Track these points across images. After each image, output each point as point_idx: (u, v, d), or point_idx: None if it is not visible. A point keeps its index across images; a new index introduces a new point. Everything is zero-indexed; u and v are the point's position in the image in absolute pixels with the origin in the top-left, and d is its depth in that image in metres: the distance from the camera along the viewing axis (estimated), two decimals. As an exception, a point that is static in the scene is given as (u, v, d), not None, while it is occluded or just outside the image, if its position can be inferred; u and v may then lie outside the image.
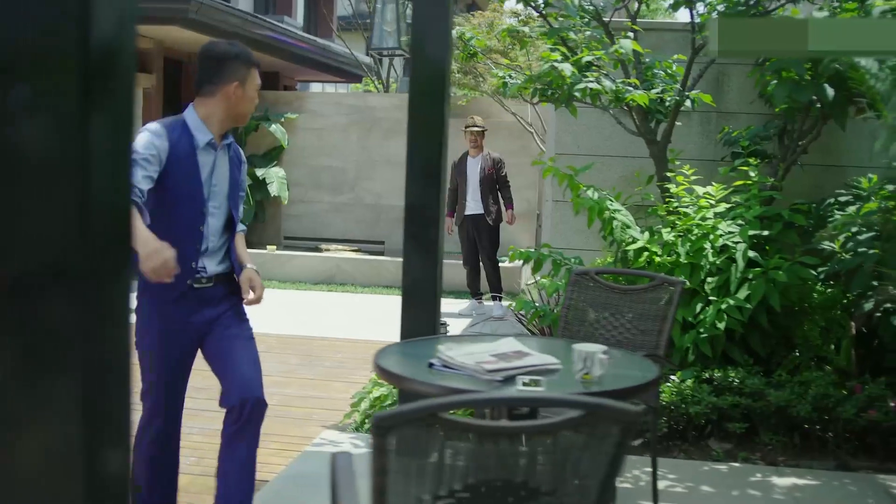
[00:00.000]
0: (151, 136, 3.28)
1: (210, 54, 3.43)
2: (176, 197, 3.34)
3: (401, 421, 1.87)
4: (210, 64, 3.42)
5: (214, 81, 3.39)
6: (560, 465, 1.95)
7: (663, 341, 3.86)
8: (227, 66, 3.39)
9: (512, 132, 12.35)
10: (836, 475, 4.53)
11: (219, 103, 3.40)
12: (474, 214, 9.39)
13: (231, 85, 3.38)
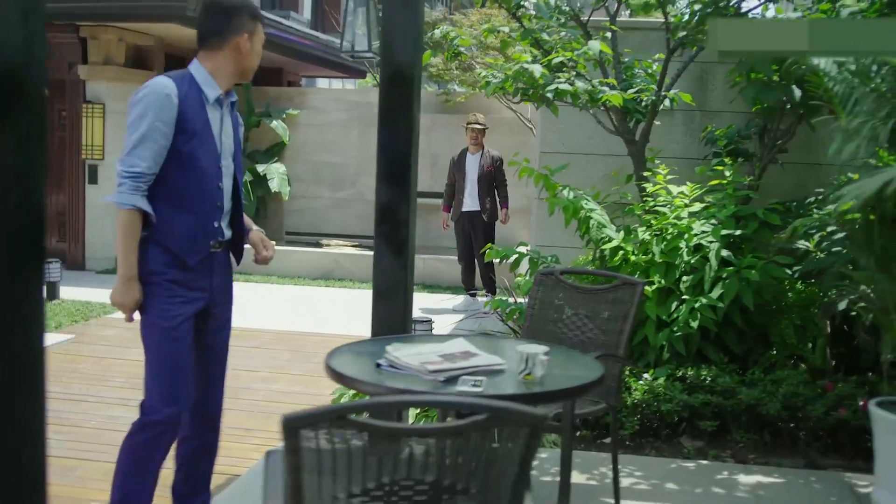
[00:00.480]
0: (166, 98, 3.17)
1: (218, 5, 3.34)
2: (192, 155, 3.25)
3: (308, 422, 1.93)
4: (218, 15, 3.33)
5: (223, 34, 3.31)
6: (471, 465, 2.01)
7: (623, 341, 3.91)
8: (236, 18, 3.32)
9: (512, 128, 12.39)
10: (803, 473, 4.57)
11: (227, 56, 3.33)
12: (471, 211, 9.43)
13: (241, 37, 3.33)
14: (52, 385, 6.14)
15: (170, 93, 3.19)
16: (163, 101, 3.17)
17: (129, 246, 3.22)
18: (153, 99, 3.16)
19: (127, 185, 3.19)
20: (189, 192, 3.26)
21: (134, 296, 3.27)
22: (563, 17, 5.24)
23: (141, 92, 3.22)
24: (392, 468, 1.99)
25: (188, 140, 3.21)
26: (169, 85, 3.21)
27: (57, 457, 4.78)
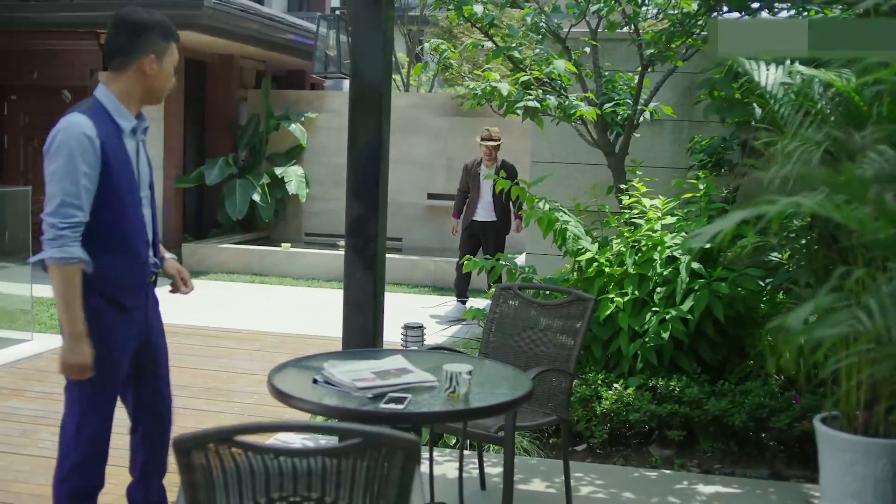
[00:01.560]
0: (86, 139, 2.99)
1: (124, 21, 3.14)
2: (118, 193, 3.10)
3: (198, 443, 2.09)
4: (124, 33, 3.12)
5: (128, 54, 3.11)
6: (351, 484, 2.16)
7: (574, 356, 4.03)
8: (144, 36, 3.11)
9: (525, 131, 12.49)
10: (763, 484, 4.67)
11: (132, 78, 3.12)
12: (485, 221, 9.32)
13: (147, 58, 3.11)
14: (56, 387, 6.33)
15: (89, 133, 3.00)
16: (84, 143, 2.99)
17: (75, 301, 3.03)
18: (74, 144, 2.98)
19: (67, 237, 2.98)
20: (119, 232, 3.14)
21: (89, 351, 3.08)
22: (540, 34, 5.36)
23: (58, 137, 3.01)
24: (279, 485, 2.15)
25: (111, 178, 3.07)
26: (85, 124, 3.01)
27: (47, 457, 4.97)
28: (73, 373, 3.12)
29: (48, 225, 3.00)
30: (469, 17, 5.15)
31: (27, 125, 12.01)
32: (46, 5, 10.63)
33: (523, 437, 5.07)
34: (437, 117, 13.10)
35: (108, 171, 3.05)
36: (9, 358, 7.00)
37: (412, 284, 11.46)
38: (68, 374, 3.14)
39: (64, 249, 2.98)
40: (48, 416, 5.71)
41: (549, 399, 4.09)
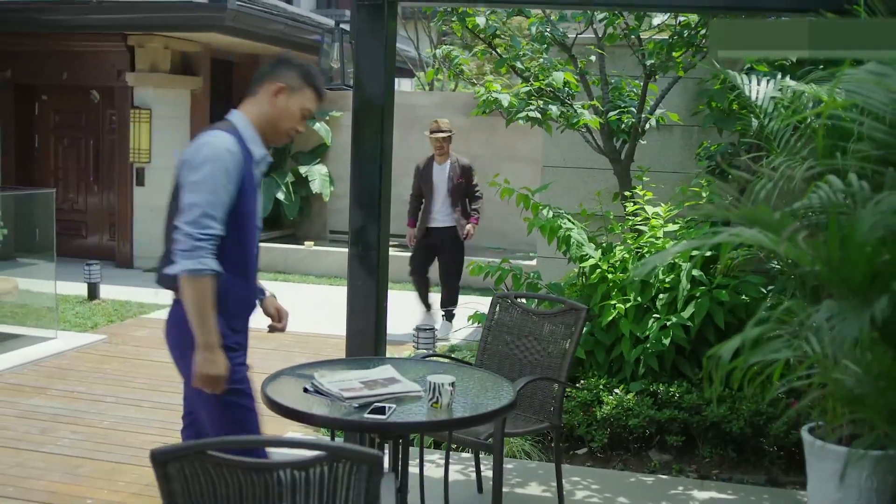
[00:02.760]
0: (230, 155, 3.02)
1: (279, 57, 3.26)
2: (246, 216, 3.12)
3: (172, 456, 2.22)
4: (268, 65, 3.21)
5: (263, 78, 3.16)
6: (320, 497, 2.28)
7: (566, 365, 4.12)
8: (284, 68, 3.16)
9: (538, 133, 12.55)
10: (758, 490, 4.73)
11: (261, 105, 3.15)
12: (442, 228, 8.39)
13: (276, 85, 3.13)
14: (77, 385, 6.60)
15: (233, 149, 3.03)
16: (228, 160, 3.01)
17: (210, 312, 3.00)
18: (220, 157, 3.00)
19: (204, 248, 2.96)
20: (241, 255, 3.16)
21: (225, 363, 3.06)
22: (546, 44, 5.44)
23: (204, 150, 3.03)
24: (252, 496, 2.27)
25: (242, 201, 3.07)
26: (231, 141, 3.04)
27: (64, 455, 5.18)
28: (207, 384, 3.04)
29: (185, 234, 2.96)
30: (472, 29, 5.24)
31: (57, 125, 12.26)
32: (75, 8, 10.85)
33: (525, 441, 5.18)
34: (459, 116, 13.18)
35: (240, 192, 3.06)
36: (33, 356, 7.20)
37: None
38: (203, 387, 3.06)
39: (201, 261, 2.96)
40: (68, 414, 5.90)
41: (541, 406, 4.19)
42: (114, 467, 5.02)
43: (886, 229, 1.86)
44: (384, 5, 4.57)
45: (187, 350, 3.07)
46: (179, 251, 2.98)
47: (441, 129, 8.44)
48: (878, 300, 1.80)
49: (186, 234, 2.97)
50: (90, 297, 9.41)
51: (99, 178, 12.14)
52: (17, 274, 9.11)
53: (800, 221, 2.24)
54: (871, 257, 1.87)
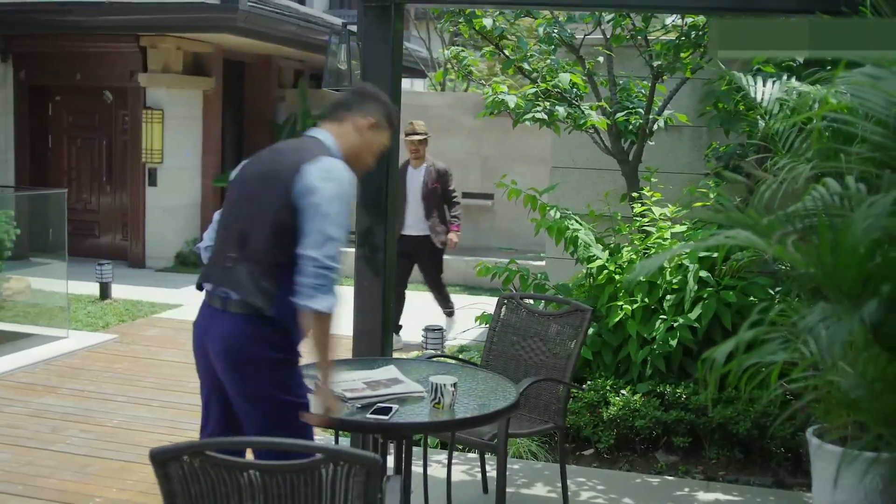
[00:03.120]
0: (352, 187, 3.04)
1: (361, 89, 3.31)
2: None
3: (171, 456, 2.24)
4: (356, 93, 3.25)
5: (351, 107, 3.18)
6: (318, 498, 2.29)
7: (571, 366, 4.13)
8: (372, 103, 3.20)
9: (546, 133, 12.56)
10: (764, 492, 4.73)
11: (345, 133, 3.16)
12: (415, 236, 7.90)
13: (365, 119, 3.16)
14: (88, 384, 6.65)
15: (353, 181, 3.06)
16: (351, 193, 3.05)
17: (334, 346, 2.99)
18: (348, 192, 3.01)
19: (333, 281, 2.91)
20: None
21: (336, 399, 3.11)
22: (553, 45, 5.45)
23: (334, 182, 2.98)
24: (251, 497, 2.29)
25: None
26: (349, 172, 3.06)
27: (73, 454, 5.22)
28: (324, 419, 3.03)
29: (325, 268, 2.89)
30: (479, 30, 5.25)
31: (70, 125, 12.33)
32: (89, 9, 10.90)
33: (531, 442, 5.19)
34: (471, 117, 13.20)
35: None
36: (45, 355, 7.25)
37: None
38: (318, 422, 3.02)
39: (334, 297, 2.92)
40: (78, 413, 5.95)
41: (546, 407, 4.20)
42: (122, 466, 5.06)
43: (880, 232, 1.87)
44: (391, 7, 4.59)
45: (261, 368, 2.97)
46: (316, 285, 2.88)
47: (416, 132, 7.91)
48: (867, 303, 1.80)
49: (328, 269, 2.89)
50: (102, 297, 9.46)
51: (112, 178, 12.20)
52: (30, 273, 9.19)
53: (793, 224, 2.24)
54: (862, 261, 1.87)
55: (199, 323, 3.16)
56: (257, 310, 2.95)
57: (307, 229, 2.92)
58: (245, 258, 3.00)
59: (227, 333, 3.00)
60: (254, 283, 2.95)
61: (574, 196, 6.80)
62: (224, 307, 3.01)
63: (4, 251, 8.81)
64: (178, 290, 10.19)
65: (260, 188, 3.05)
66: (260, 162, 3.17)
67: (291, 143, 3.25)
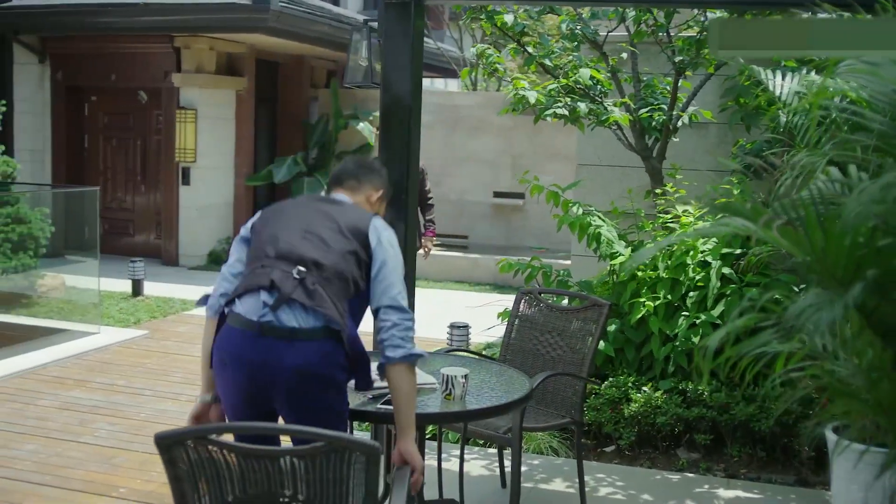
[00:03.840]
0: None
1: (367, 164, 3.40)
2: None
3: (174, 440, 2.29)
4: (364, 165, 3.37)
5: (361, 179, 3.31)
6: (320, 485, 2.32)
7: (588, 361, 4.13)
8: (378, 175, 3.35)
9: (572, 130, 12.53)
10: (786, 490, 4.69)
11: (361, 200, 3.29)
12: None
13: (379, 192, 3.33)
14: (118, 378, 6.75)
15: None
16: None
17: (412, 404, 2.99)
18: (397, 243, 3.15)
19: (413, 331, 2.99)
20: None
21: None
22: (576, 42, 5.44)
23: (387, 233, 3.12)
24: (254, 482, 2.33)
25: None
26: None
27: (101, 446, 5.31)
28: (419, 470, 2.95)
29: (410, 320, 2.95)
30: (501, 27, 5.26)
31: (106, 125, 12.51)
32: (123, 10, 11.07)
33: (552, 438, 5.19)
34: (502, 116, 13.21)
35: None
36: (77, 349, 7.37)
37: (473, 282, 11.62)
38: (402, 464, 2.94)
39: (416, 347, 2.97)
40: (107, 406, 6.04)
41: (563, 402, 4.20)
42: (148, 458, 5.12)
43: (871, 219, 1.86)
44: (411, 4, 4.60)
45: (329, 388, 2.91)
46: (406, 339, 2.92)
47: None
48: (854, 288, 1.79)
49: (412, 320, 2.96)
50: (134, 294, 9.59)
51: (146, 177, 12.36)
52: (65, 271, 9.36)
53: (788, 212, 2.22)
54: (852, 247, 1.86)
55: (241, 355, 2.88)
56: (335, 333, 2.88)
57: (384, 282, 2.96)
58: (320, 283, 2.93)
59: (305, 360, 2.86)
60: (334, 307, 2.90)
61: (599, 193, 6.78)
62: (292, 336, 2.86)
63: (39, 248, 8.98)
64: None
65: (329, 230, 3.02)
66: (312, 208, 3.15)
67: (336, 199, 3.23)
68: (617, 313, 5.54)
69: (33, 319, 8.50)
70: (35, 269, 8.93)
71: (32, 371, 6.78)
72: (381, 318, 2.94)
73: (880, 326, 1.97)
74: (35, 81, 12.27)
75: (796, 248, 1.96)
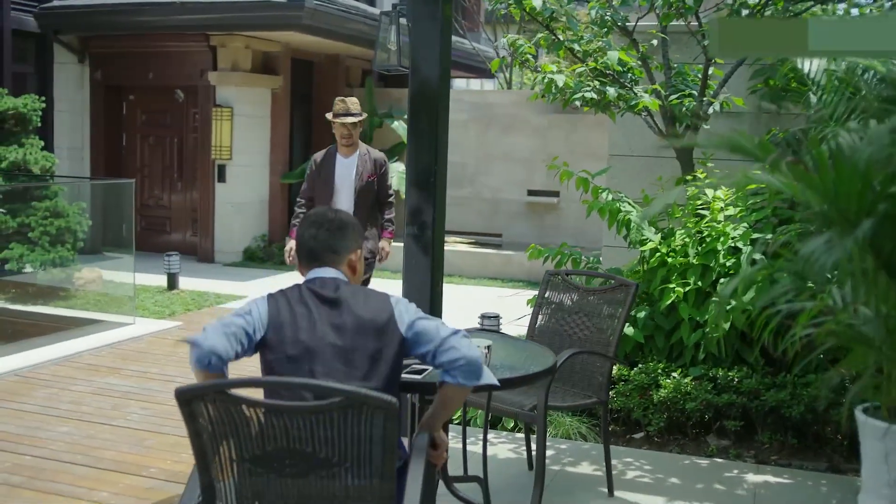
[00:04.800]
0: None
1: (340, 225, 3.01)
2: None
3: (194, 395, 2.31)
4: (336, 230, 2.99)
5: (337, 248, 2.96)
6: (340, 442, 2.33)
7: (614, 340, 4.12)
8: (352, 233, 3.02)
9: (601, 123, 12.48)
10: (815, 476, 4.63)
11: (345, 272, 2.98)
12: None
13: (355, 254, 3.00)
14: (151, 366, 6.82)
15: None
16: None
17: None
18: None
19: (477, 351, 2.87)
20: None
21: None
22: (606, 28, 5.43)
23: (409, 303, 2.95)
24: (273, 438, 2.34)
25: None
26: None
27: (134, 429, 5.37)
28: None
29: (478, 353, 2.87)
30: (529, 12, 5.26)
31: (143, 124, 12.67)
32: (161, 9, 11.22)
33: (581, 424, 5.17)
34: (537, 115, 13.20)
35: None
36: (112, 339, 7.47)
37: (507, 279, 11.61)
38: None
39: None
40: (140, 392, 6.11)
41: (589, 382, 4.19)
42: (178, 440, 5.17)
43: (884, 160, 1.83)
44: (440, -12, 4.62)
45: None
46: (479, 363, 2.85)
47: (350, 112, 6.27)
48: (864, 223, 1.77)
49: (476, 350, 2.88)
50: (169, 288, 9.69)
51: (182, 175, 12.49)
52: (102, 267, 9.50)
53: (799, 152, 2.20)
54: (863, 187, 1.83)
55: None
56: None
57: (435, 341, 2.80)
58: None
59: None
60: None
61: (631, 183, 6.74)
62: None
63: (77, 242, 9.12)
64: (245, 283, 10.38)
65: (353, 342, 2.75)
66: (323, 317, 2.78)
67: (344, 293, 2.86)
68: (647, 300, 5.51)
69: (69, 311, 8.63)
70: (73, 263, 9.07)
71: (66, 359, 6.87)
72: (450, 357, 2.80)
73: (892, 267, 1.94)
74: (74, 81, 12.45)
75: (808, 190, 1.94)
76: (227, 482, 2.43)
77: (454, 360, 2.76)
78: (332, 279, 2.87)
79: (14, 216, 8.81)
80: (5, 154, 8.97)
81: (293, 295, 2.78)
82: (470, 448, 4.52)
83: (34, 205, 8.90)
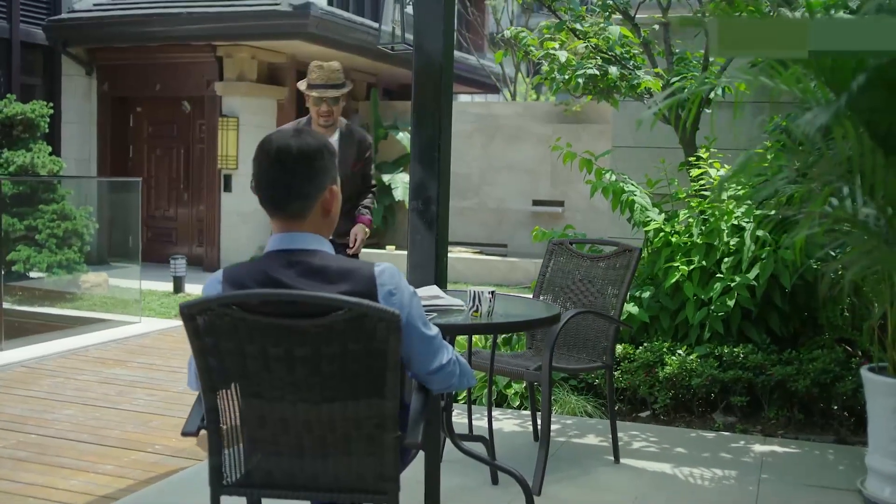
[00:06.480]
0: None
1: (305, 154, 2.38)
2: None
3: (199, 309, 2.32)
4: (300, 167, 2.37)
5: (310, 197, 2.40)
6: (343, 356, 2.33)
7: (619, 304, 4.12)
8: (323, 169, 2.41)
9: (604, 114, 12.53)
10: (822, 446, 4.61)
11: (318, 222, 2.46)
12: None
13: (329, 191, 2.43)
14: (156, 359, 6.84)
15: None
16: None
17: None
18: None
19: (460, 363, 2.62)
20: None
21: None
22: (608, 11, 5.48)
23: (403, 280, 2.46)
24: (275, 342, 2.33)
25: None
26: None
27: (139, 411, 5.38)
28: None
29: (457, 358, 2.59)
30: (532, -8, 5.32)
31: (150, 135, 12.76)
32: (167, 20, 11.33)
33: (587, 402, 5.16)
34: (541, 125, 13.27)
35: None
36: (119, 335, 7.49)
37: (512, 284, 11.63)
38: None
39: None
40: (145, 381, 6.12)
41: (594, 346, 4.19)
42: (180, 422, 5.16)
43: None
44: (442, -36, 4.67)
45: None
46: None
47: (332, 83, 5.19)
48: (856, 78, 1.78)
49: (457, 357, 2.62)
50: (175, 291, 9.72)
51: (189, 186, 12.56)
52: (109, 274, 9.56)
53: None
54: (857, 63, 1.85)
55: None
56: None
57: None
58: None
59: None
60: None
61: (634, 174, 6.76)
62: None
63: (84, 245, 9.17)
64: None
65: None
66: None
67: (316, 266, 2.42)
68: (651, 281, 5.51)
69: (76, 311, 8.66)
70: (79, 266, 9.11)
71: (73, 352, 6.89)
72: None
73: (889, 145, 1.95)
74: (82, 92, 12.56)
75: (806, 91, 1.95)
76: (230, 403, 2.44)
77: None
78: (306, 249, 2.42)
79: (21, 219, 8.87)
80: (13, 158, 9.04)
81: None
82: (475, 423, 4.52)
83: (41, 207, 8.97)
